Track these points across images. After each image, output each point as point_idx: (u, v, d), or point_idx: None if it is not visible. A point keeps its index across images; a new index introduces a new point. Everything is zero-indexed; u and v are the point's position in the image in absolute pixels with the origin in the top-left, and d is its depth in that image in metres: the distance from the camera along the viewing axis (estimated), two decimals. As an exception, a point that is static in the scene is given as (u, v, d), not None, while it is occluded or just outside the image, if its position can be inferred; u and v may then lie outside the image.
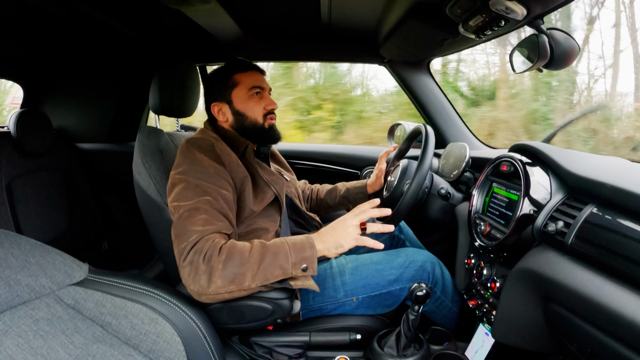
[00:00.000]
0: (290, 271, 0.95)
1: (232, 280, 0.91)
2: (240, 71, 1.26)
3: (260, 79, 1.28)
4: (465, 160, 1.37)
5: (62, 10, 1.44)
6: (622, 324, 0.62)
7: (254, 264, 0.93)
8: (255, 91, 1.25)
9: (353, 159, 2.06)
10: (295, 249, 0.97)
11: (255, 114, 1.26)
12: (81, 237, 2.13)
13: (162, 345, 0.73)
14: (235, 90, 1.25)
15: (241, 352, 1.15)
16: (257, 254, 0.95)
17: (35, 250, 0.72)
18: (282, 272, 0.95)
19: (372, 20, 1.52)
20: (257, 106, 1.26)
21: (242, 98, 1.25)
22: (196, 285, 0.91)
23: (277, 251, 0.96)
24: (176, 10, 1.34)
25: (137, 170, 1.27)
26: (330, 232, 1.03)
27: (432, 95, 1.88)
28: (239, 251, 0.94)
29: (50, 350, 0.63)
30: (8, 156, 1.85)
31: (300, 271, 0.96)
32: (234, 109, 1.25)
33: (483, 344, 1.09)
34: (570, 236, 0.79)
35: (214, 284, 0.90)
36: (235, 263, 0.92)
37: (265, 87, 1.28)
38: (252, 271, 0.93)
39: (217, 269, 0.91)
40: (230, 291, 0.93)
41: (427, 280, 1.23)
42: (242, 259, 0.93)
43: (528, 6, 0.96)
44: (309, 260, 0.97)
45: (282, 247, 0.97)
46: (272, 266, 0.94)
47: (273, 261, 0.95)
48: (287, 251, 0.96)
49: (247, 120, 1.26)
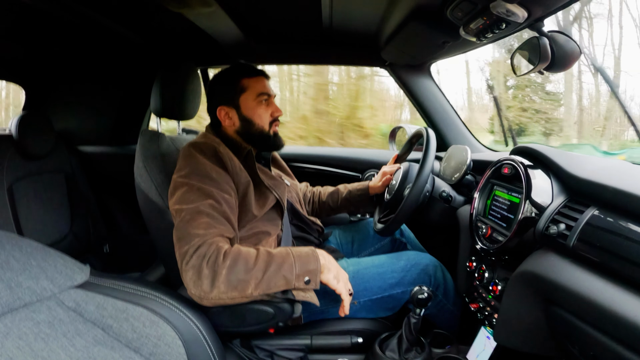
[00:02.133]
0: (294, 283, 0.96)
1: (235, 286, 0.92)
2: (247, 76, 1.25)
3: (267, 85, 1.28)
4: (467, 163, 1.37)
5: (65, 13, 1.45)
6: (624, 326, 0.62)
7: (258, 272, 0.93)
8: (264, 98, 1.25)
9: (354, 162, 2.06)
10: (301, 261, 0.98)
11: (263, 121, 1.26)
12: (82, 240, 2.12)
13: (164, 348, 0.73)
14: (243, 96, 1.24)
15: (242, 356, 1.15)
16: (262, 262, 0.95)
17: (36, 253, 0.72)
18: (285, 282, 0.95)
19: (373, 24, 1.52)
20: (264, 113, 1.26)
21: (250, 104, 1.25)
22: (198, 290, 0.91)
23: (282, 262, 0.96)
24: (178, 14, 1.34)
25: (138, 174, 1.27)
26: (335, 262, 1.06)
27: (434, 98, 1.88)
28: (244, 258, 0.94)
29: (51, 352, 0.62)
30: (10, 159, 1.85)
31: (303, 283, 0.97)
32: (242, 114, 1.25)
33: (485, 348, 1.08)
34: (572, 239, 0.79)
35: (217, 289, 0.90)
36: (239, 270, 0.92)
37: (272, 94, 1.28)
38: (256, 279, 0.93)
39: (220, 274, 0.91)
40: (232, 297, 0.93)
41: (429, 283, 1.23)
42: (247, 267, 0.93)
43: (529, 9, 0.97)
44: (313, 273, 0.98)
45: (287, 257, 0.98)
46: (276, 276, 0.95)
47: (277, 271, 0.95)
48: (292, 262, 0.97)
49: (254, 126, 1.25)
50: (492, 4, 0.95)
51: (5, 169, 1.82)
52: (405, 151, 1.61)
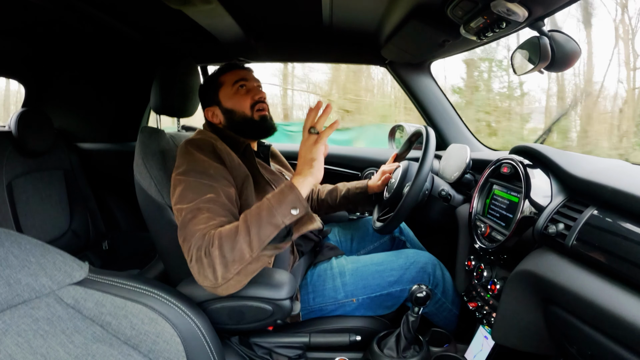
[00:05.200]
0: (281, 221, 0.93)
1: (233, 260, 0.90)
2: (223, 73, 1.29)
3: (244, 73, 1.29)
4: (466, 162, 1.37)
5: (64, 10, 1.44)
6: (622, 326, 0.62)
7: (244, 234, 0.91)
8: (240, 84, 1.26)
9: (354, 160, 2.06)
10: (276, 199, 0.95)
11: (243, 107, 1.26)
12: (81, 237, 2.12)
13: (162, 345, 0.73)
14: (221, 90, 1.27)
15: (241, 353, 1.15)
16: (242, 224, 0.92)
17: (35, 250, 0.72)
18: (273, 227, 0.92)
19: (374, 22, 1.52)
20: (243, 99, 1.26)
21: (228, 95, 1.26)
22: (206, 281, 0.91)
23: (259, 211, 0.94)
24: (178, 11, 1.34)
25: (138, 171, 1.26)
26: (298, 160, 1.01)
27: (433, 96, 1.88)
28: (226, 232, 0.92)
29: (50, 349, 0.63)
30: (9, 155, 1.85)
31: (291, 216, 0.94)
32: (223, 107, 1.27)
33: (483, 346, 1.09)
34: (570, 238, 0.79)
35: (219, 273, 0.89)
36: (228, 245, 0.90)
37: (250, 78, 1.29)
38: (246, 242, 0.90)
39: (215, 257, 0.89)
40: (237, 271, 0.91)
41: (428, 282, 1.23)
42: (231, 237, 0.91)
43: (529, 8, 0.96)
44: (295, 201, 0.94)
45: (262, 204, 0.95)
46: (263, 227, 0.92)
47: (260, 222, 0.92)
48: (269, 206, 0.94)
49: (236, 114, 1.26)
50: (493, 3, 0.95)
51: (4, 165, 1.82)
52: (404, 150, 1.61)
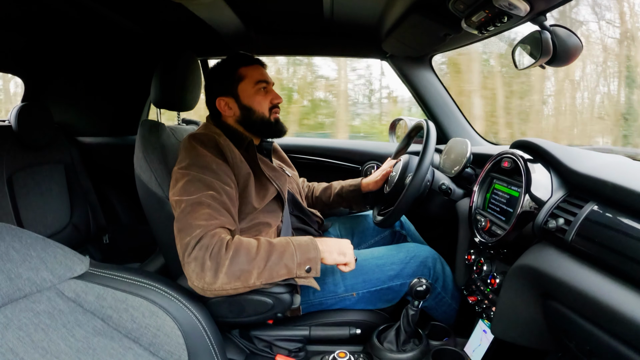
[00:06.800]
0: (295, 271, 0.97)
1: (238, 277, 0.92)
2: (244, 65, 1.26)
3: (265, 73, 1.28)
4: (467, 156, 1.36)
5: (64, 3, 1.44)
6: (621, 322, 0.62)
7: (260, 261, 0.94)
8: (262, 86, 1.26)
9: (354, 154, 2.05)
10: (301, 250, 0.99)
11: (263, 108, 1.26)
12: (82, 231, 2.13)
13: (163, 338, 0.74)
14: (241, 84, 1.25)
15: (241, 346, 1.16)
16: (264, 252, 0.96)
17: (36, 244, 0.72)
18: (287, 271, 0.97)
19: (375, 15, 1.51)
20: (264, 100, 1.26)
21: (249, 92, 1.25)
22: (201, 282, 0.91)
23: (284, 251, 0.97)
24: (178, 4, 1.33)
25: (138, 164, 1.27)
26: (333, 240, 1.08)
27: (434, 90, 1.87)
28: (246, 248, 0.95)
29: (51, 343, 0.63)
30: (9, 150, 1.85)
31: (304, 272, 0.98)
32: (241, 103, 1.25)
33: (482, 340, 1.09)
34: (570, 233, 0.79)
35: (220, 280, 0.91)
36: (242, 260, 0.93)
37: (270, 81, 1.28)
38: (259, 269, 0.94)
39: (223, 266, 0.91)
40: (235, 288, 0.93)
41: (428, 276, 1.24)
42: (249, 257, 0.94)
43: (531, 2, 0.95)
44: (313, 261, 0.99)
45: (288, 246, 0.98)
46: (278, 265, 0.96)
47: (279, 260, 0.96)
48: (293, 251, 0.98)
49: (254, 114, 1.25)
50: (495, -3, 0.94)
51: (4, 160, 1.82)
52: (404, 144, 1.60)
